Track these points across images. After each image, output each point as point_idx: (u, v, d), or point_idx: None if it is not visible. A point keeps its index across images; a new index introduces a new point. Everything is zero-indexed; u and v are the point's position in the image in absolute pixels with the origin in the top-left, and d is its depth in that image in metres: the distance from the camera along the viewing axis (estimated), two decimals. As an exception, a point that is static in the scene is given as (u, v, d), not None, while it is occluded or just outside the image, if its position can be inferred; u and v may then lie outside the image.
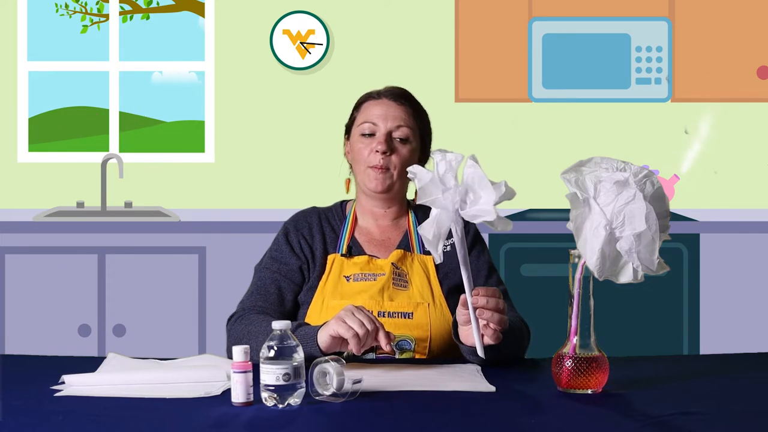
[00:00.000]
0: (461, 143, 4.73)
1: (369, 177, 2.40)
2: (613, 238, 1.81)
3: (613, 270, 1.83)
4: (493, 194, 1.89)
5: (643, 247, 1.81)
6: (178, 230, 4.20)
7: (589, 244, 1.81)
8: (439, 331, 2.31)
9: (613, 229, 1.81)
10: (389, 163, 2.39)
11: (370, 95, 2.47)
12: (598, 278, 1.83)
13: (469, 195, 1.90)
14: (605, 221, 1.80)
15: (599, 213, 1.81)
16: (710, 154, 4.75)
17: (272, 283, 2.37)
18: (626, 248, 1.80)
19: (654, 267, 1.82)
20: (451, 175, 1.90)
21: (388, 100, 2.44)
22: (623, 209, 1.80)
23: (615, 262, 1.82)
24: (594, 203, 1.82)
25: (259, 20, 4.74)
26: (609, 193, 1.81)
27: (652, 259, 1.82)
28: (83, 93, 4.79)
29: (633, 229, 1.80)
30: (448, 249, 2.43)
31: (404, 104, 2.43)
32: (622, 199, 1.81)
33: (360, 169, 2.42)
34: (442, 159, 1.90)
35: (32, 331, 4.13)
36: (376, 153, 2.38)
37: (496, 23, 4.69)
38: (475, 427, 1.68)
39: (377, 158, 2.38)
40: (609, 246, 1.80)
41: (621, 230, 1.81)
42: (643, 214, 1.80)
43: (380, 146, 2.38)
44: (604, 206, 1.81)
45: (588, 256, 1.82)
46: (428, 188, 1.89)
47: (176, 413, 1.75)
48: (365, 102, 2.46)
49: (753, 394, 1.90)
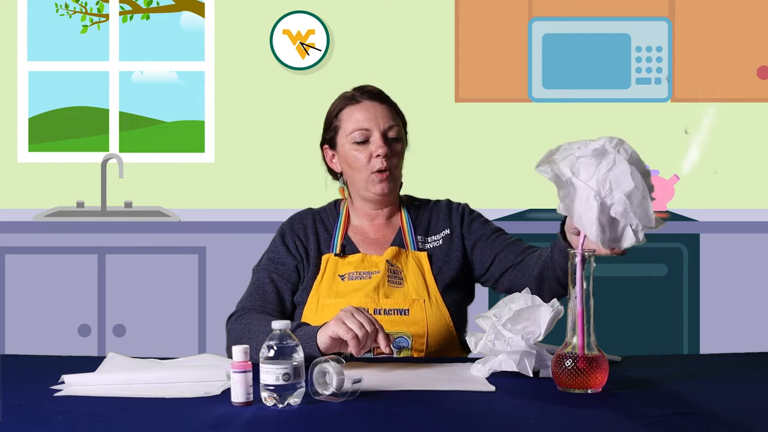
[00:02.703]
0: (461, 143, 4.75)
1: (374, 182, 2.39)
2: (605, 206, 1.83)
3: (614, 236, 1.85)
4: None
5: (636, 207, 1.83)
6: (178, 230, 4.20)
7: (586, 218, 1.83)
8: (436, 327, 2.32)
9: (603, 198, 1.83)
10: (391, 164, 2.39)
11: (347, 100, 2.42)
12: (604, 247, 1.85)
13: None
14: (593, 192, 1.82)
15: (585, 187, 1.83)
16: (710, 154, 4.75)
17: (270, 283, 2.38)
18: (621, 210, 1.83)
19: (652, 222, 1.85)
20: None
21: (369, 101, 2.41)
22: (607, 176, 1.83)
23: (614, 229, 1.85)
24: (577, 181, 1.84)
25: (259, 20, 4.74)
26: (589, 167, 1.84)
27: (648, 215, 1.85)
28: (83, 93, 4.79)
29: (622, 190, 1.81)
30: (440, 243, 2.44)
31: (385, 103, 2.42)
32: (603, 167, 1.84)
33: (361, 177, 2.40)
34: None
35: (32, 331, 4.13)
36: (377, 158, 2.37)
37: (496, 23, 4.69)
38: (475, 427, 1.68)
39: (380, 162, 2.37)
40: (604, 215, 1.83)
41: (611, 197, 1.83)
42: (628, 174, 1.82)
43: (381, 150, 2.37)
44: (588, 180, 1.83)
45: (587, 230, 1.84)
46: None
47: (176, 413, 1.75)
48: (345, 108, 2.41)
49: (753, 394, 1.90)
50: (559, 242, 2.14)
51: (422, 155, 2.57)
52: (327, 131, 2.45)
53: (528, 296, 2.00)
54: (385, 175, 2.38)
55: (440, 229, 2.45)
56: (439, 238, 2.44)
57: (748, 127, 4.74)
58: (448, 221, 2.46)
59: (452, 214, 2.47)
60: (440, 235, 2.44)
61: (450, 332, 2.34)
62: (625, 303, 4.13)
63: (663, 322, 4.18)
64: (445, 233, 2.44)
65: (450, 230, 2.44)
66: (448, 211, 2.47)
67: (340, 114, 2.42)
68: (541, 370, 1.98)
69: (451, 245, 2.43)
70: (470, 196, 3.02)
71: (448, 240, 2.43)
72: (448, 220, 2.46)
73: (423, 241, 2.43)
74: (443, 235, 2.44)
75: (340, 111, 2.42)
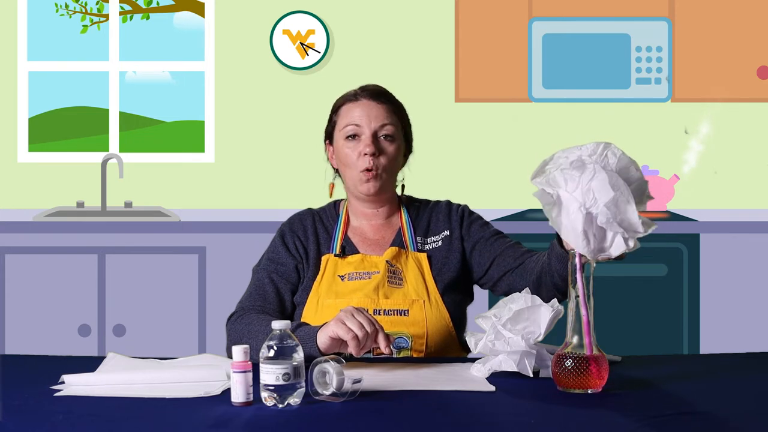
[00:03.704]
0: (461, 143, 4.75)
1: (360, 181, 2.39)
2: (591, 217, 1.82)
3: (602, 246, 1.84)
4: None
5: (621, 214, 1.82)
6: (178, 230, 4.20)
7: (572, 230, 1.84)
8: (436, 328, 2.32)
9: (588, 208, 1.82)
10: (378, 164, 2.38)
11: (348, 97, 2.44)
12: (592, 260, 1.85)
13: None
14: (578, 204, 1.82)
15: (570, 199, 1.83)
16: (710, 154, 4.75)
17: (270, 283, 2.38)
18: (604, 220, 1.82)
19: (640, 228, 1.84)
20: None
21: (367, 99, 2.42)
22: (589, 186, 1.82)
23: (602, 240, 1.84)
24: (564, 193, 1.84)
25: (259, 20, 4.74)
26: (574, 178, 1.83)
27: (633, 222, 1.84)
28: (83, 93, 4.79)
29: (602, 200, 1.81)
30: (439, 244, 2.44)
31: (383, 102, 2.42)
32: (585, 178, 1.83)
33: (350, 174, 2.41)
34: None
35: (32, 331, 4.13)
36: (364, 156, 2.37)
37: (496, 23, 4.69)
38: (475, 427, 1.68)
39: (367, 161, 2.37)
40: (591, 225, 1.83)
41: (595, 207, 1.82)
42: (606, 183, 1.82)
43: (368, 148, 2.37)
44: (573, 192, 1.83)
45: (573, 243, 1.84)
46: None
47: (176, 413, 1.75)
48: (344, 105, 2.43)
49: (753, 394, 1.90)
50: (555, 248, 2.14)
51: (422, 155, 2.56)
52: (327, 126, 2.48)
53: (528, 296, 2.00)
54: (371, 174, 2.38)
55: (440, 230, 2.45)
56: (439, 239, 2.44)
57: (748, 127, 4.74)
58: (448, 222, 2.46)
59: (452, 216, 2.47)
60: (440, 236, 2.44)
61: (450, 333, 2.34)
62: (625, 303, 4.13)
63: (663, 322, 4.18)
64: (444, 234, 2.44)
65: (449, 231, 2.44)
66: (447, 213, 2.47)
67: (340, 110, 2.44)
68: (541, 370, 1.98)
69: (451, 246, 2.43)
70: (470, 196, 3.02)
71: (447, 241, 2.43)
72: (447, 221, 2.46)
73: (422, 242, 2.43)
74: (443, 236, 2.44)
75: (340, 107, 2.44)
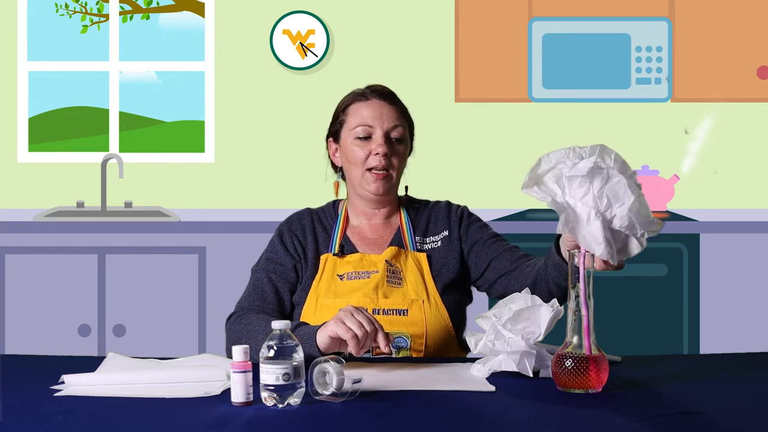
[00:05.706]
0: (461, 143, 4.75)
1: (369, 180, 2.39)
2: (606, 221, 1.82)
3: (620, 248, 1.86)
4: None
5: (641, 216, 1.84)
6: (178, 230, 4.20)
7: (593, 238, 1.83)
8: (435, 327, 2.32)
9: (603, 213, 1.82)
10: (390, 164, 2.39)
11: (357, 96, 2.44)
12: (613, 261, 1.86)
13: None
14: (594, 210, 1.82)
15: (583, 206, 1.83)
16: (710, 154, 4.75)
17: (269, 283, 2.38)
18: (627, 224, 1.82)
19: (655, 226, 1.87)
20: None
21: (378, 100, 2.42)
22: (603, 191, 1.82)
23: (618, 241, 1.86)
24: (574, 201, 1.84)
25: (259, 20, 4.74)
26: (582, 185, 1.83)
27: (651, 220, 1.86)
28: (83, 93, 4.79)
29: (622, 203, 1.82)
30: (438, 245, 2.44)
31: (394, 103, 2.42)
32: (597, 183, 1.83)
33: (357, 173, 2.40)
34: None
35: (32, 331, 4.13)
36: (376, 155, 2.37)
37: (496, 23, 4.69)
38: (475, 427, 1.68)
39: (378, 161, 2.37)
40: (606, 231, 1.83)
41: (610, 211, 1.82)
42: (625, 186, 1.82)
43: (381, 148, 2.37)
44: (583, 198, 1.83)
45: (595, 250, 1.84)
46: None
47: (176, 413, 1.75)
48: (353, 104, 2.43)
49: (753, 394, 1.90)
50: (552, 256, 2.14)
51: (422, 155, 2.56)
52: (333, 124, 2.47)
53: (528, 296, 2.00)
54: (382, 175, 2.38)
55: (439, 230, 2.45)
56: (438, 239, 2.44)
57: (748, 127, 4.74)
58: (447, 223, 2.46)
59: (451, 216, 2.47)
60: (439, 236, 2.44)
61: (449, 333, 2.34)
62: (625, 303, 4.13)
63: (663, 322, 4.18)
64: (443, 235, 2.44)
65: (448, 232, 2.45)
66: (447, 213, 2.47)
67: (348, 109, 2.43)
68: (541, 370, 1.98)
69: (450, 247, 2.43)
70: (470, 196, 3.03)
71: (446, 241, 2.44)
72: (446, 221, 2.46)
73: (421, 242, 2.43)
74: (442, 236, 2.44)
75: (348, 106, 2.44)
